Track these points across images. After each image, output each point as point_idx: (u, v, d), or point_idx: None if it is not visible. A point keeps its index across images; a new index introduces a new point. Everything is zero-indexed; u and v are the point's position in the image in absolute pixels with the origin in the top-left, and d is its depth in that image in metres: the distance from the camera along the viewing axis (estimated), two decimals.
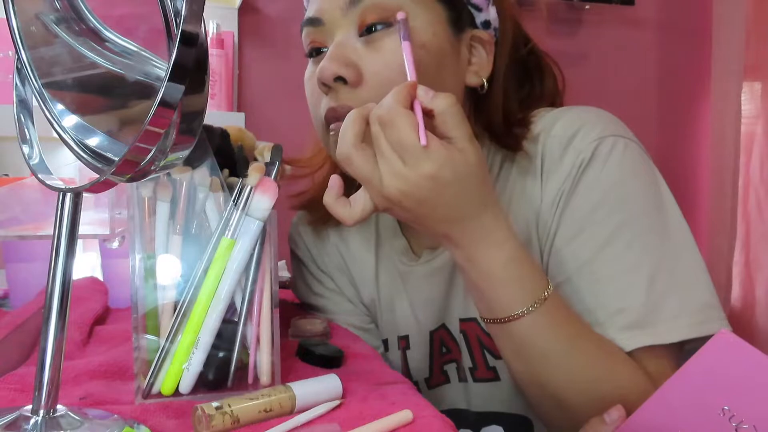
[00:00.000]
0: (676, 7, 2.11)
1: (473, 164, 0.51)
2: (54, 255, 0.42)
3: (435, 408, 0.51)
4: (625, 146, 0.63)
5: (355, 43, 0.62)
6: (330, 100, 0.63)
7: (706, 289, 0.63)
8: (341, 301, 0.80)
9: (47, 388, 0.42)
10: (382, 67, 0.61)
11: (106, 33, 0.45)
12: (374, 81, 0.61)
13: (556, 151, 0.64)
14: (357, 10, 0.61)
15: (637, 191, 0.63)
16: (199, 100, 0.42)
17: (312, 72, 0.66)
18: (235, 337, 0.53)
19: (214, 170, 0.53)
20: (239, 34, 1.70)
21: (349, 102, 0.61)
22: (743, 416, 0.39)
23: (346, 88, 0.61)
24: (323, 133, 0.66)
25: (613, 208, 0.61)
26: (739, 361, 0.40)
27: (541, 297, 0.55)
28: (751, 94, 2.04)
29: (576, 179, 0.63)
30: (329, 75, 0.60)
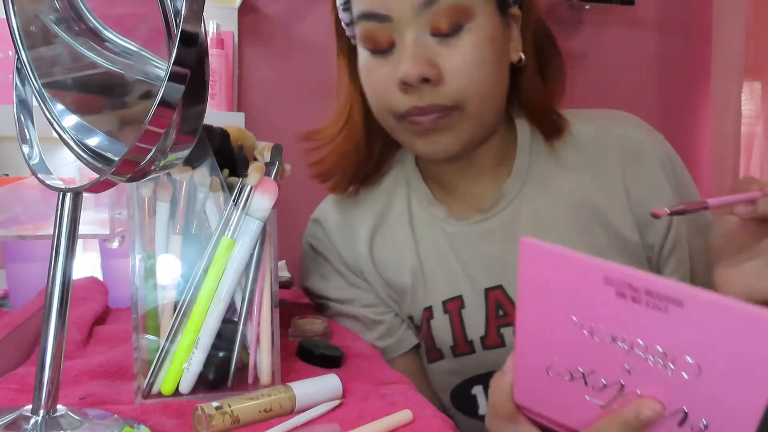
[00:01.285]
0: (676, 7, 2.11)
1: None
2: (54, 255, 0.42)
3: (435, 408, 0.51)
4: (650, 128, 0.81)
5: (429, 41, 0.64)
6: (413, 99, 0.65)
7: None
8: (360, 293, 0.79)
9: (47, 388, 0.42)
10: (460, 65, 0.64)
11: (106, 33, 0.45)
12: (453, 79, 0.64)
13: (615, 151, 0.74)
14: (431, 10, 0.63)
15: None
16: (199, 99, 0.42)
17: (379, 65, 0.67)
18: (235, 337, 0.53)
19: (214, 170, 0.53)
20: (239, 34, 1.70)
21: (436, 100, 0.64)
22: (586, 320, 0.38)
23: (428, 86, 0.64)
24: (394, 123, 0.69)
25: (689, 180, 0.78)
26: (549, 265, 0.38)
27: None
28: (751, 94, 2.04)
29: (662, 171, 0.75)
30: (416, 77, 0.63)
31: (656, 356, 0.36)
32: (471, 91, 0.65)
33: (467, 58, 0.64)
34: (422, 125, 0.66)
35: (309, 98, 1.83)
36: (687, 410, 0.36)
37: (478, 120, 0.68)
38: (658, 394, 0.37)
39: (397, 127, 0.69)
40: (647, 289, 0.34)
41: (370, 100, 0.71)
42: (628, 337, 0.36)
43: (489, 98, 0.68)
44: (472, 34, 0.65)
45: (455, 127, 0.67)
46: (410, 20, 0.64)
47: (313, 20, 1.78)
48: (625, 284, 0.35)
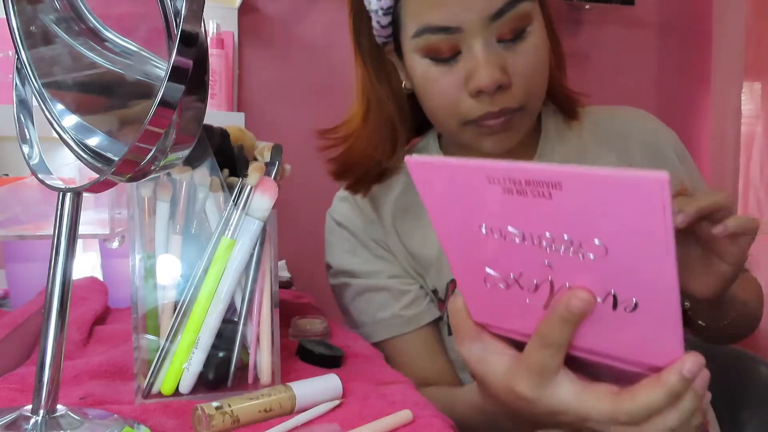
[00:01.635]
0: (676, 7, 2.11)
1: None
2: (54, 255, 0.42)
3: (434, 408, 0.51)
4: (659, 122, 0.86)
5: (497, 48, 0.67)
6: (486, 105, 0.67)
7: None
8: (387, 266, 0.81)
9: (47, 388, 0.42)
10: (524, 68, 0.67)
11: (106, 33, 0.45)
12: (521, 82, 0.67)
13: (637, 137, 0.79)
14: (500, 20, 0.65)
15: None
16: (199, 100, 0.42)
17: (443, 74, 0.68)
18: (235, 337, 0.53)
19: (214, 170, 0.53)
20: (239, 34, 1.70)
21: (506, 103, 0.67)
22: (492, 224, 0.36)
23: (500, 92, 0.67)
24: (459, 127, 0.71)
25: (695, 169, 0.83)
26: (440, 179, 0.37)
27: None
28: (751, 94, 2.04)
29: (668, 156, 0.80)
30: (493, 85, 0.65)
31: (566, 245, 0.35)
32: (534, 92, 0.69)
33: (531, 61, 0.68)
34: (492, 129, 0.69)
35: (309, 98, 1.83)
36: (614, 292, 0.35)
37: (533, 116, 0.73)
38: (584, 282, 0.36)
39: (463, 130, 0.71)
40: (526, 179, 0.33)
41: (433, 107, 0.72)
42: (534, 231, 0.35)
43: (541, 97, 0.72)
44: (532, 38, 0.68)
45: (519, 125, 0.70)
46: (480, 31, 0.65)
47: (313, 20, 1.78)
48: (506, 180, 0.34)
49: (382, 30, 0.73)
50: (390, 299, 0.79)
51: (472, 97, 0.68)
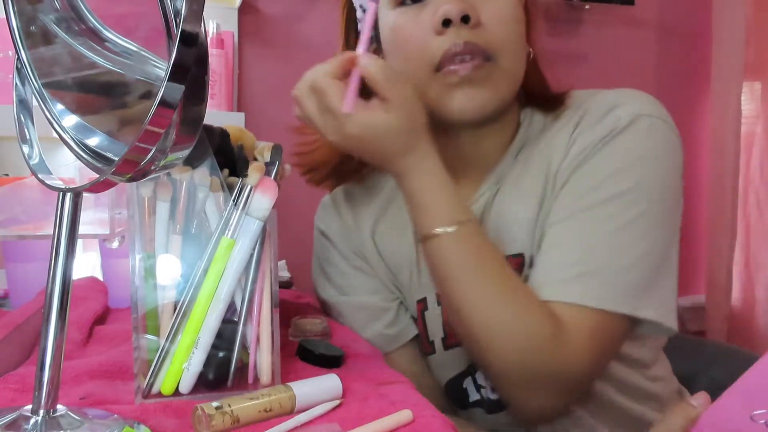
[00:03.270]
0: (676, 7, 2.11)
1: (393, 124, 0.62)
2: (54, 255, 0.42)
3: (435, 408, 0.51)
4: (662, 129, 0.69)
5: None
6: (451, 39, 0.65)
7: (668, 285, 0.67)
8: (366, 279, 0.80)
9: (47, 388, 0.42)
10: (497, 14, 0.67)
11: (106, 33, 0.45)
12: (492, 24, 0.66)
13: (596, 114, 0.70)
14: None
15: (656, 173, 0.67)
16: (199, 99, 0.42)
17: (412, 19, 0.68)
18: (235, 337, 0.53)
19: (214, 170, 0.53)
20: (239, 34, 1.70)
21: (475, 39, 0.65)
22: None
23: (465, 28, 0.65)
24: (428, 79, 0.68)
25: (626, 177, 0.66)
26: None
27: (458, 221, 0.63)
28: (751, 94, 2.04)
29: (605, 142, 0.68)
30: (458, 12, 0.64)
31: None
32: (506, 43, 0.67)
33: (503, 10, 0.67)
34: (459, 74, 0.66)
35: None
36: None
37: (511, 79, 0.69)
38: None
39: (431, 82, 0.68)
40: None
41: (401, 61, 0.70)
42: None
43: (519, 59, 0.69)
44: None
45: (491, 81, 0.67)
46: None
47: (313, 20, 1.78)
48: None
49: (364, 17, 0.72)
50: (371, 319, 0.77)
51: (439, 35, 0.66)
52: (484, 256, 0.64)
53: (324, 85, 0.62)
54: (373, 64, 0.62)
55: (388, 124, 0.62)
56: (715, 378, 0.94)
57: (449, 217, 0.63)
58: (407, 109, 0.62)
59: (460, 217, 0.63)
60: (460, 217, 0.63)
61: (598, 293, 0.63)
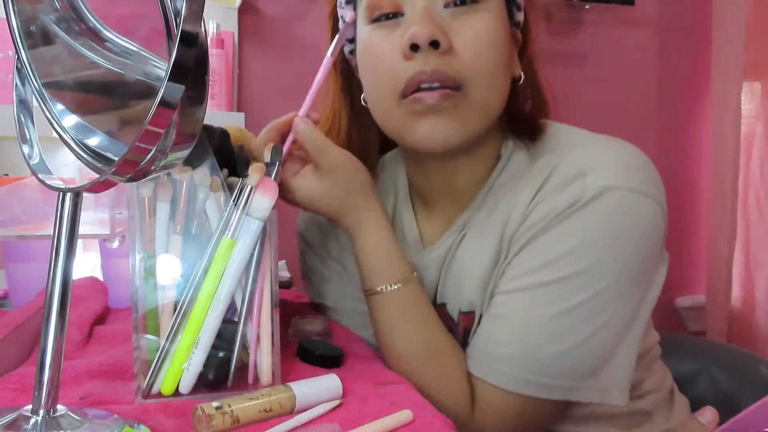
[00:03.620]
0: (676, 7, 2.11)
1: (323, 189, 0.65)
2: (54, 255, 0.42)
3: (435, 408, 0.51)
4: (634, 204, 0.61)
5: (441, 12, 0.62)
6: (418, 65, 0.61)
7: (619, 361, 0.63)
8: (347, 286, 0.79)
9: (47, 388, 0.42)
10: (471, 39, 0.62)
11: (106, 33, 0.45)
12: (463, 51, 0.62)
13: (563, 178, 0.63)
14: None
15: (618, 254, 0.61)
16: (199, 99, 0.42)
17: (383, 38, 0.64)
18: (235, 337, 0.53)
19: (214, 170, 0.53)
20: (239, 34, 1.70)
21: (443, 67, 0.61)
22: None
23: (435, 54, 0.61)
24: (394, 106, 0.64)
25: (581, 258, 0.60)
26: None
27: (396, 281, 0.65)
28: (751, 94, 2.04)
29: (565, 216, 0.62)
30: (426, 37, 0.60)
31: None
32: (479, 72, 0.62)
33: (479, 35, 0.62)
34: (424, 102, 0.61)
35: None
36: None
37: (482, 111, 0.64)
38: None
39: (396, 110, 0.64)
40: None
41: (371, 81, 0.67)
42: None
43: (494, 89, 0.64)
44: (484, 14, 0.63)
45: (459, 112, 0.62)
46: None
47: (313, 20, 1.78)
48: None
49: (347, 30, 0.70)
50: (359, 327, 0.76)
51: (407, 59, 0.62)
52: (412, 319, 0.65)
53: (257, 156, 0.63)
54: (303, 131, 0.64)
55: (317, 189, 0.64)
56: (715, 378, 0.94)
57: (387, 277, 0.65)
58: (339, 175, 0.64)
59: (397, 277, 0.65)
60: (398, 278, 0.65)
61: (523, 378, 0.60)
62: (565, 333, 0.60)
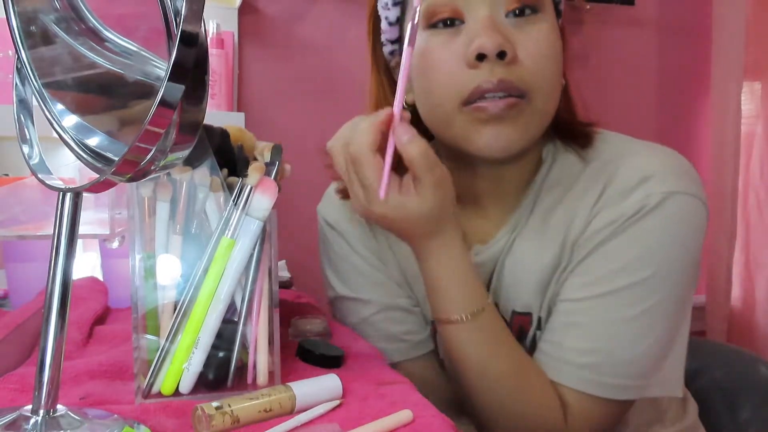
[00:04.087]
0: (676, 7, 2.11)
1: (425, 209, 0.59)
2: (54, 255, 0.42)
3: (435, 408, 0.51)
4: (694, 209, 0.65)
5: (504, 21, 0.63)
6: (483, 74, 0.61)
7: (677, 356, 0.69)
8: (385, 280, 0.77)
9: (47, 388, 0.42)
10: (535, 50, 0.62)
11: (106, 33, 0.45)
12: (529, 61, 0.62)
13: (624, 185, 0.65)
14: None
15: (681, 258, 0.64)
16: (199, 99, 0.42)
17: (443, 45, 0.64)
18: (235, 337, 0.53)
19: (214, 170, 0.53)
20: (239, 34, 1.70)
21: (509, 77, 0.61)
22: None
23: (500, 64, 0.61)
24: (455, 113, 0.64)
25: (649, 264, 0.63)
26: None
27: (473, 310, 0.63)
28: (751, 94, 2.04)
29: (630, 222, 0.64)
30: (494, 48, 0.60)
31: None
32: (541, 81, 0.63)
33: (541, 45, 0.63)
34: (488, 111, 0.62)
35: (309, 98, 1.83)
36: None
37: (541, 118, 0.65)
38: None
39: (457, 117, 0.64)
40: None
41: (428, 87, 0.66)
42: None
43: (553, 96, 0.66)
44: (544, 25, 0.64)
45: (521, 119, 0.63)
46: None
47: (313, 20, 1.78)
48: None
49: (389, 30, 0.70)
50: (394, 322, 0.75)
51: (472, 68, 0.62)
52: (499, 342, 0.64)
53: (360, 158, 0.58)
54: (413, 147, 0.57)
55: (418, 208, 0.59)
56: (715, 378, 0.94)
57: (466, 306, 0.63)
58: (439, 194, 0.59)
59: (476, 306, 0.63)
60: (476, 306, 0.63)
61: (610, 383, 0.63)
62: (643, 335, 0.63)
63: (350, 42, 1.74)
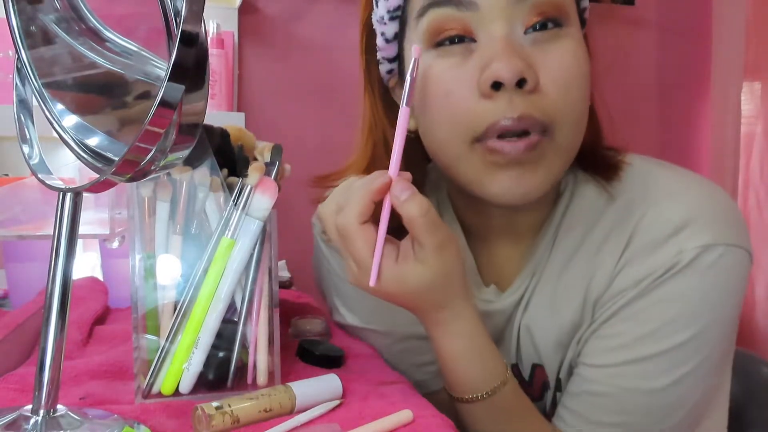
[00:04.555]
0: (676, 7, 2.11)
1: (427, 278, 0.51)
2: (54, 255, 0.42)
3: (435, 408, 0.51)
4: (733, 260, 0.56)
5: (522, 39, 0.53)
6: (501, 108, 0.52)
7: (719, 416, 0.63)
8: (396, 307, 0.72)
9: (47, 388, 0.42)
10: (559, 72, 0.53)
11: (106, 33, 0.45)
12: (553, 89, 0.53)
13: (655, 236, 0.57)
14: (529, 2, 0.52)
15: (721, 317, 0.56)
16: (199, 99, 0.42)
17: (452, 68, 0.54)
18: (235, 337, 0.53)
19: (214, 170, 0.53)
20: (239, 34, 1.70)
21: (530, 110, 0.52)
22: None
23: (520, 93, 0.52)
24: (465, 151, 0.55)
25: (684, 327, 0.55)
26: None
27: (491, 389, 0.56)
28: (751, 94, 2.04)
29: (661, 281, 0.56)
30: (513, 76, 0.50)
31: None
32: (569, 112, 0.54)
33: (567, 67, 0.53)
34: (506, 155, 0.52)
35: (309, 98, 1.83)
36: None
37: (567, 155, 0.56)
38: None
39: (468, 156, 0.55)
40: None
41: (435, 119, 0.56)
42: None
43: (581, 128, 0.56)
44: (570, 41, 0.55)
45: (544, 161, 0.54)
46: (502, 11, 0.52)
47: (313, 20, 1.78)
48: None
49: (386, 47, 0.60)
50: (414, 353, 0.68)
51: (486, 98, 0.52)
52: (518, 416, 0.58)
53: (349, 232, 0.51)
54: (412, 206, 0.49)
55: (420, 278, 0.51)
56: None
57: (482, 385, 0.56)
58: (444, 259, 0.51)
59: (493, 383, 0.56)
60: (494, 384, 0.56)
61: None
62: (678, 405, 0.57)
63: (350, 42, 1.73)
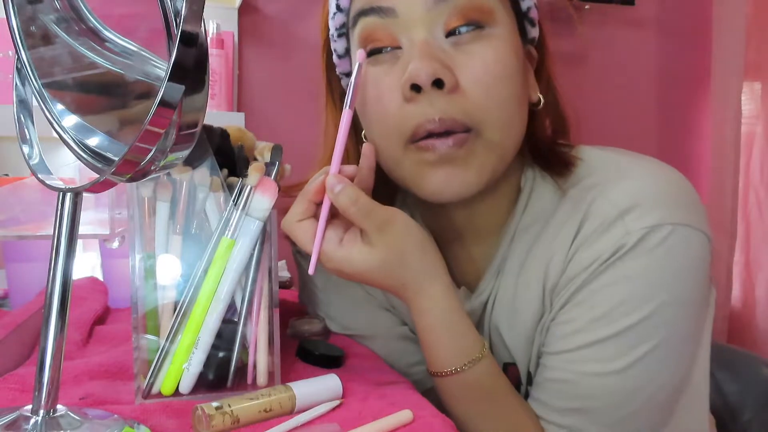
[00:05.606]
0: (676, 7, 2.11)
1: (376, 259, 0.54)
2: (54, 255, 0.42)
3: (435, 408, 0.51)
4: (682, 240, 0.56)
5: (442, 44, 0.55)
6: (423, 109, 0.54)
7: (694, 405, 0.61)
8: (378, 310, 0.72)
9: (47, 388, 0.42)
10: (481, 74, 0.54)
11: (106, 33, 0.45)
12: (474, 88, 0.54)
13: (601, 221, 0.57)
14: (446, 6, 0.54)
15: (677, 294, 0.56)
16: (199, 100, 0.42)
17: (382, 76, 0.57)
18: (235, 337, 0.53)
19: (214, 170, 0.53)
20: (239, 34, 1.70)
21: (451, 112, 0.53)
22: None
23: (440, 94, 0.54)
24: (400, 153, 0.57)
25: (637, 307, 0.55)
26: None
27: (466, 362, 0.57)
28: (751, 94, 2.04)
29: (607, 265, 0.56)
30: (427, 76, 0.52)
31: None
32: (491, 110, 0.55)
33: (488, 66, 0.54)
34: (437, 151, 0.55)
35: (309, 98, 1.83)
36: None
37: (498, 152, 0.57)
38: None
39: (404, 157, 0.57)
40: None
41: (372, 125, 0.59)
42: None
43: (511, 126, 0.57)
44: (493, 41, 0.55)
45: (474, 158, 0.55)
46: (421, 18, 0.54)
47: (313, 20, 1.76)
48: None
49: (340, 63, 0.64)
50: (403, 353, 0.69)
51: (409, 101, 0.54)
52: (496, 397, 0.59)
53: (291, 230, 0.56)
54: (342, 197, 0.52)
55: (367, 259, 0.53)
56: (715, 378, 0.94)
57: (455, 359, 0.57)
58: (388, 240, 0.53)
59: (467, 358, 0.56)
60: (468, 358, 0.57)
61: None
62: (639, 387, 0.56)
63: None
